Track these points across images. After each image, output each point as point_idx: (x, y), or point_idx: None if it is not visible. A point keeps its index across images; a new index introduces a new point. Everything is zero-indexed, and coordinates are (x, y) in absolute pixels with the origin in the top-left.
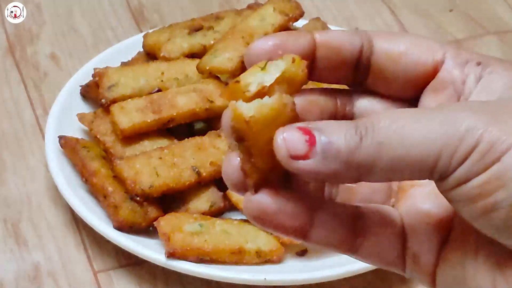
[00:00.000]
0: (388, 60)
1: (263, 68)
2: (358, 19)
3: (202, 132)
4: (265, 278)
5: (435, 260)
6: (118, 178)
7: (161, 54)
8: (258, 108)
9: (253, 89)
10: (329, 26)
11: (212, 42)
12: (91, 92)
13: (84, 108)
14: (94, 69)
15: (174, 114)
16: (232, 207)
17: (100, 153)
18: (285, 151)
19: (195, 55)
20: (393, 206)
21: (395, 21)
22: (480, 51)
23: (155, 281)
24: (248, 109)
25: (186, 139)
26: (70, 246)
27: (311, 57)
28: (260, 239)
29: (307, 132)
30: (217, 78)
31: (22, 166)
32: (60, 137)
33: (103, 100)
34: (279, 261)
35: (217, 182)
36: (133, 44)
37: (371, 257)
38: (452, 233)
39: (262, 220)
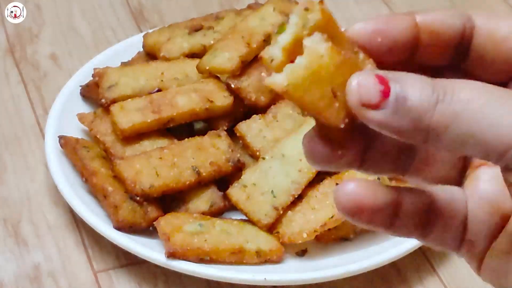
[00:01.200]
0: (489, 44)
1: (279, 31)
2: (358, 19)
3: (202, 132)
4: (265, 278)
5: (487, 247)
6: (118, 178)
7: (161, 54)
8: (290, 74)
9: (276, 56)
10: None
11: (212, 42)
12: (91, 92)
13: (84, 108)
14: (94, 69)
15: (174, 114)
16: (232, 207)
17: (100, 153)
18: (357, 97)
19: (195, 55)
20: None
21: None
22: None
23: (155, 281)
24: (281, 80)
25: (186, 139)
26: (70, 246)
27: (413, 42)
28: (260, 239)
29: (383, 81)
30: (217, 78)
31: (22, 166)
32: (60, 137)
33: (103, 100)
34: (279, 261)
35: (217, 182)
36: (133, 44)
37: (435, 244)
38: (508, 224)
39: (355, 215)
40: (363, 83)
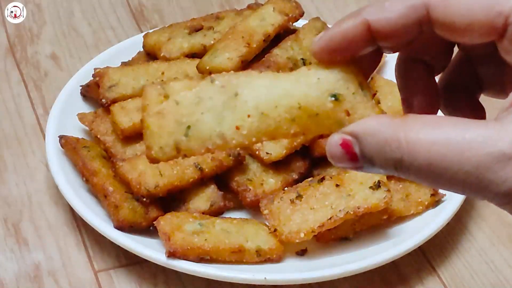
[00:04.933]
0: (448, 15)
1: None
2: None
3: None
4: (265, 278)
5: None
6: (121, 180)
7: (161, 54)
8: None
9: None
10: (329, 26)
11: (212, 42)
12: (91, 92)
13: (85, 108)
14: (95, 69)
15: None
16: (232, 207)
17: (101, 152)
18: (333, 162)
19: (195, 55)
20: None
21: None
22: None
23: (155, 281)
24: None
25: None
26: (71, 246)
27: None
28: (260, 238)
29: (347, 147)
30: None
31: (22, 165)
32: (61, 137)
33: (103, 100)
34: (279, 260)
35: (217, 181)
36: (133, 44)
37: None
38: None
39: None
40: (332, 152)
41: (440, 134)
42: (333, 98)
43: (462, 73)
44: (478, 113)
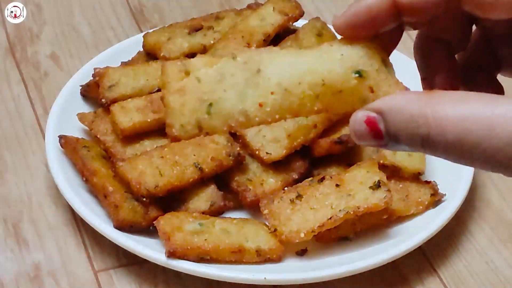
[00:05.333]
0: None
1: None
2: None
3: None
4: (265, 278)
5: None
6: (121, 180)
7: (161, 54)
8: None
9: None
10: (329, 26)
11: (212, 42)
12: (91, 92)
13: (84, 107)
14: (94, 69)
15: None
16: (232, 207)
17: (101, 152)
18: (357, 141)
19: (195, 55)
20: None
21: None
22: None
23: (155, 281)
24: None
25: None
26: (71, 246)
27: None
28: (260, 238)
29: (372, 124)
30: None
31: (22, 165)
32: (61, 137)
33: (103, 100)
34: (279, 260)
35: (217, 181)
36: (133, 44)
37: None
38: None
39: None
40: (356, 129)
41: (468, 110)
42: (357, 75)
43: (481, 52)
44: (498, 91)
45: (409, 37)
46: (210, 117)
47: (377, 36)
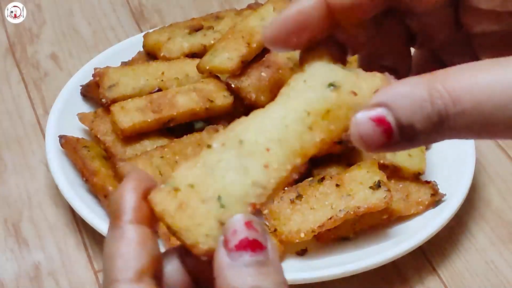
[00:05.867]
0: None
1: None
2: None
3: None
4: None
5: None
6: (120, 179)
7: (161, 54)
8: None
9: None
10: None
11: (212, 42)
12: (91, 92)
13: (85, 107)
14: (95, 69)
15: (174, 113)
16: None
17: (101, 152)
18: (364, 147)
19: (195, 55)
20: None
21: None
22: None
23: None
24: None
25: (185, 136)
26: (71, 246)
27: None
28: None
29: (381, 121)
30: (217, 78)
31: (22, 165)
32: (61, 137)
33: (103, 100)
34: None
35: None
36: (133, 44)
37: None
38: None
39: None
40: (362, 132)
41: (480, 76)
42: (331, 87)
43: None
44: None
45: None
46: (226, 208)
47: (320, 44)
